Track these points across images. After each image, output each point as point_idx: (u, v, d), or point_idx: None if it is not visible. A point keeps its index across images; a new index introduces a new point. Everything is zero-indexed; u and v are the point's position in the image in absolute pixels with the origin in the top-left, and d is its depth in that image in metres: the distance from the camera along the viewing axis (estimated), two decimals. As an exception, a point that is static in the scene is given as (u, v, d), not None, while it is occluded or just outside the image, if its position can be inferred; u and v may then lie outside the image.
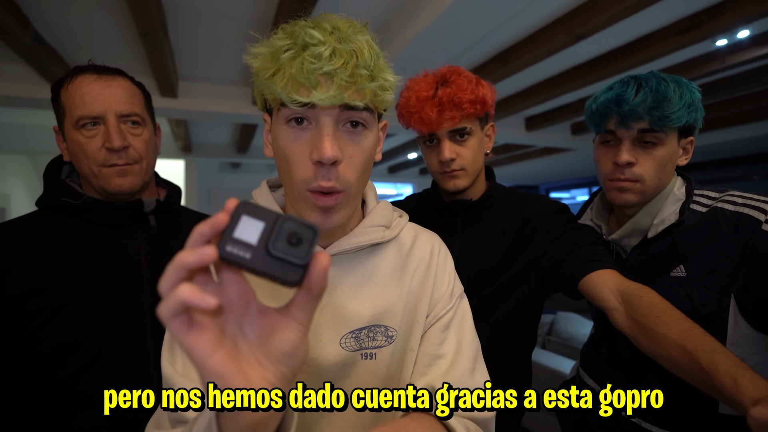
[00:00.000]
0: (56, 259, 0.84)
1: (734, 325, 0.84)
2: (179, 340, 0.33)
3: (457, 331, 0.68)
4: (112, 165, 0.89)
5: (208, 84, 3.12)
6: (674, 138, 0.90)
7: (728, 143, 4.69)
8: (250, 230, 0.33)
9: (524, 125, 4.27)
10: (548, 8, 2.04)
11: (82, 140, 0.88)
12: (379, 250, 0.68)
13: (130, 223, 0.94)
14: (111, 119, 0.88)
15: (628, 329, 0.81)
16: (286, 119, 0.56)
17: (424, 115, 0.96)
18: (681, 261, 0.90)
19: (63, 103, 0.90)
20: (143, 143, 0.94)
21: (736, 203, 0.86)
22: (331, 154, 0.53)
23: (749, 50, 2.49)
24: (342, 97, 0.52)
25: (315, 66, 0.51)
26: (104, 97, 0.88)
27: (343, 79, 0.52)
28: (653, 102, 0.86)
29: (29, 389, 0.83)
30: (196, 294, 0.31)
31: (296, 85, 0.52)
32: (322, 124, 0.55)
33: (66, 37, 2.32)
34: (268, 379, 0.36)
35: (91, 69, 0.91)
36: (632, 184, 0.92)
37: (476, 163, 1.01)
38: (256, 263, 0.32)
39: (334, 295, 0.63)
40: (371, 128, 0.59)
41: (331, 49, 0.51)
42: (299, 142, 0.56)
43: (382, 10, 2.15)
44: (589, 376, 1.11)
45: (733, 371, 0.62)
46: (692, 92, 0.88)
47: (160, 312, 0.32)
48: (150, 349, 0.89)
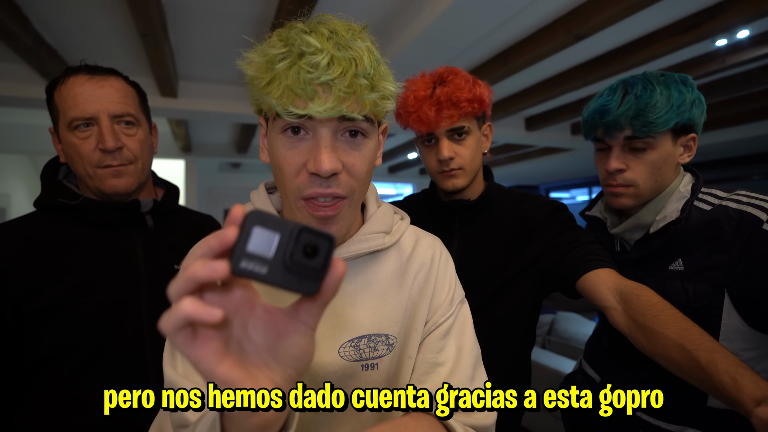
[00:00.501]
0: (54, 260, 0.84)
1: (728, 320, 0.85)
2: (185, 354, 0.32)
3: (457, 339, 0.67)
4: (106, 166, 0.88)
5: (208, 84, 3.12)
6: (667, 140, 0.90)
7: (728, 143, 4.69)
8: (264, 243, 0.32)
9: (524, 125, 4.27)
10: (548, 8, 2.04)
11: (76, 141, 0.87)
12: (379, 256, 0.67)
13: (127, 223, 0.94)
14: (104, 120, 0.87)
15: (626, 328, 0.81)
16: (281, 129, 0.54)
17: (422, 114, 0.96)
18: (680, 255, 0.91)
19: (56, 104, 0.89)
20: (137, 143, 0.93)
21: (740, 202, 0.86)
22: (329, 167, 0.51)
23: (749, 50, 2.49)
24: (340, 110, 0.50)
25: (312, 76, 0.49)
26: (97, 97, 0.87)
27: (342, 89, 0.49)
28: (635, 111, 0.87)
29: (29, 389, 0.83)
30: (200, 308, 0.30)
31: (292, 96, 0.50)
32: (320, 135, 0.52)
33: (66, 37, 2.32)
34: (275, 380, 0.36)
35: (84, 69, 0.90)
36: (625, 189, 0.94)
37: (474, 162, 1.01)
38: (273, 277, 0.32)
39: (333, 302, 0.62)
40: (371, 136, 0.57)
41: (329, 58, 0.49)
42: (295, 152, 0.54)
43: (382, 10, 2.15)
44: (590, 366, 1.13)
45: (733, 370, 0.62)
46: (683, 92, 0.87)
47: (162, 327, 0.31)
48: (148, 349, 0.89)
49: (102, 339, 0.85)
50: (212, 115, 3.25)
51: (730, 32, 2.22)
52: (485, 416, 0.61)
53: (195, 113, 3.24)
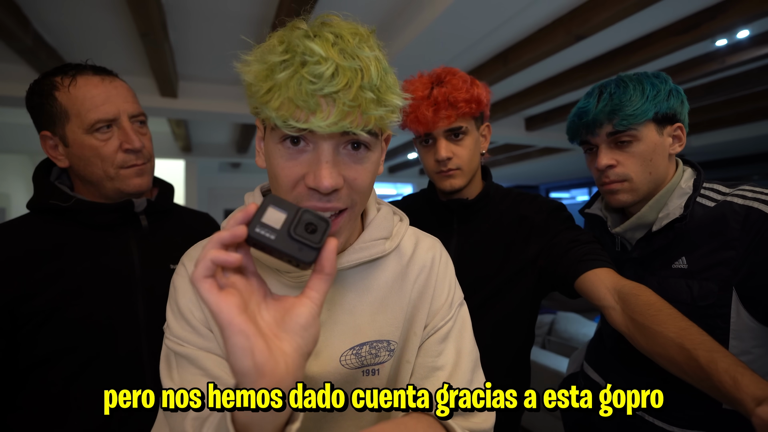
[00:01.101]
0: (47, 263, 0.83)
1: (737, 318, 0.84)
2: (208, 302, 0.37)
3: (455, 342, 0.65)
4: (131, 166, 0.89)
5: (208, 84, 3.13)
6: (651, 131, 0.91)
7: (728, 143, 4.69)
8: (274, 218, 0.41)
9: (524, 125, 4.27)
10: (548, 8, 2.04)
11: (96, 144, 0.86)
12: (379, 262, 0.65)
13: (121, 224, 0.92)
14: (125, 120, 0.87)
15: (625, 328, 0.81)
16: (280, 138, 0.51)
17: (420, 114, 0.97)
18: (683, 253, 0.90)
19: (64, 106, 0.85)
20: (150, 141, 0.94)
21: (746, 197, 0.85)
22: (329, 184, 0.49)
23: (749, 50, 2.49)
24: (343, 125, 0.47)
25: (315, 87, 0.45)
26: (114, 98, 0.87)
27: (346, 103, 0.46)
28: (612, 107, 0.90)
29: (25, 391, 0.82)
30: (222, 253, 0.37)
31: (293, 108, 0.47)
32: (321, 149, 0.49)
33: (66, 37, 2.32)
34: (284, 349, 0.39)
35: (89, 69, 0.88)
36: (620, 184, 0.94)
37: (472, 162, 1.01)
38: (279, 244, 0.40)
39: (333, 311, 0.61)
40: (375, 149, 0.54)
41: (334, 67, 0.45)
42: (294, 163, 0.51)
43: (382, 10, 2.15)
44: (593, 368, 1.12)
45: (733, 369, 0.62)
46: (657, 84, 0.90)
47: (193, 277, 0.37)
48: (144, 350, 0.88)
49: (97, 341, 0.84)
50: (212, 115, 3.25)
51: (730, 32, 2.22)
52: (484, 420, 0.60)
53: (195, 113, 3.24)
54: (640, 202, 0.96)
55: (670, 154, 0.94)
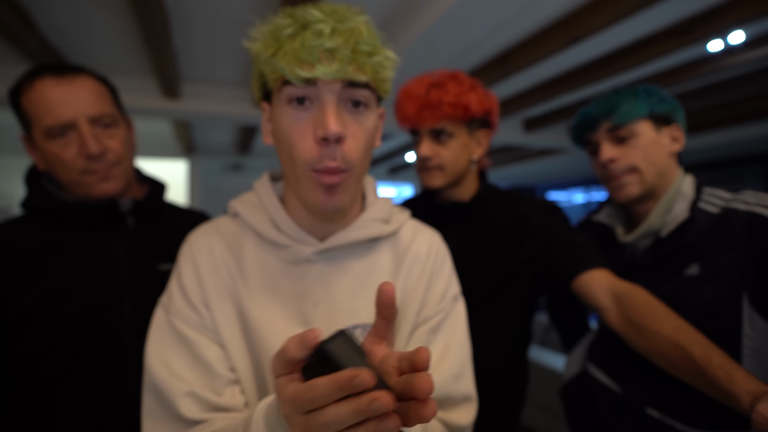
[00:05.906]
0: (33, 264, 0.83)
1: (749, 322, 0.84)
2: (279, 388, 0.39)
3: (445, 335, 0.66)
4: (92, 172, 0.85)
5: (211, 86, 3.15)
6: (648, 127, 0.95)
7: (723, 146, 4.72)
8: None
9: (523, 127, 4.30)
10: (546, 11, 2.07)
11: (56, 150, 0.82)
12: (376, 246, 0.67)
13: (107, 224, 0.91)
14: (83, 124, 0.82)
15: (621, 328, 0.83)
16: (287, 100, 0.56)
17: (405, 109, 1.00)
18: (694, 259, 0.90)
19: (26, 111, 0.83)
20: (120, 144, 0.88)
21: (748, 203, 0.87)
22: (336, 129, 0.53)
23: (744, 53, 2.52)
24: (345, 72, 0.53)
25: (317, 43, 0.52)
26: (70, 100, 0.81)
27: (345, 54, 0.53)
28: (608, 105, 0.97)
29: (11, 391, 0.82)
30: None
31: (298, 62, 0.53)
32: (325, 101, 0.55)
33: (70, 39, 2.34)
34: None
35: (49, 70, 0.83)
36: (627, 176, 0.96)
37: (456, 165, 1.02)
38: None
39: (331, 290, 0.63)
40: (372, 108, 0.60)
41: (332, 27, 0.53)
42: (302, 121, 0.56)
43: (382, 13, 2.18)
44: (600, 370, 1.09)
45: (728, 365, 0.64)
46: (649, 89, 0.97)
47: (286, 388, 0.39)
48: (130, 351, 0.87)
49: (83, 341, 0.83)
50: (215, 116, 3.27)
51: (724, 36, 2.26)
52: (462, 416, 0.61)
53: (198, 115, 3.26)
54: (647, 199, 0.97)
55: (671, 154, 0.97)
